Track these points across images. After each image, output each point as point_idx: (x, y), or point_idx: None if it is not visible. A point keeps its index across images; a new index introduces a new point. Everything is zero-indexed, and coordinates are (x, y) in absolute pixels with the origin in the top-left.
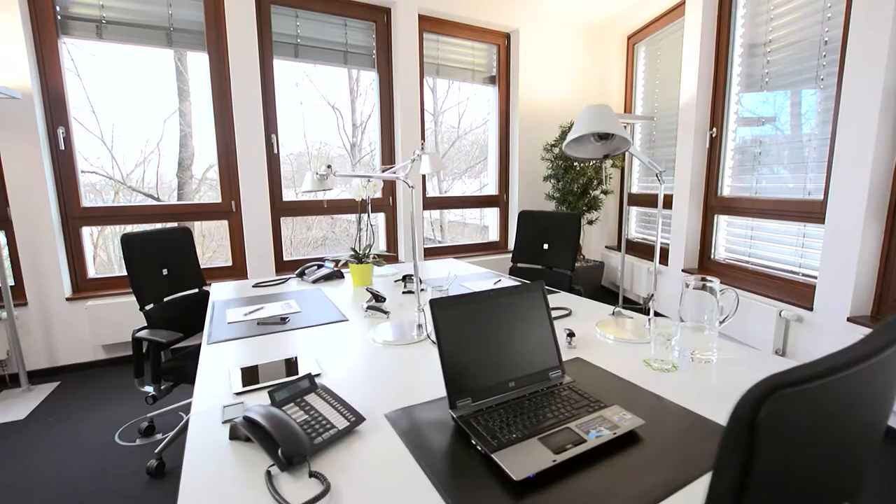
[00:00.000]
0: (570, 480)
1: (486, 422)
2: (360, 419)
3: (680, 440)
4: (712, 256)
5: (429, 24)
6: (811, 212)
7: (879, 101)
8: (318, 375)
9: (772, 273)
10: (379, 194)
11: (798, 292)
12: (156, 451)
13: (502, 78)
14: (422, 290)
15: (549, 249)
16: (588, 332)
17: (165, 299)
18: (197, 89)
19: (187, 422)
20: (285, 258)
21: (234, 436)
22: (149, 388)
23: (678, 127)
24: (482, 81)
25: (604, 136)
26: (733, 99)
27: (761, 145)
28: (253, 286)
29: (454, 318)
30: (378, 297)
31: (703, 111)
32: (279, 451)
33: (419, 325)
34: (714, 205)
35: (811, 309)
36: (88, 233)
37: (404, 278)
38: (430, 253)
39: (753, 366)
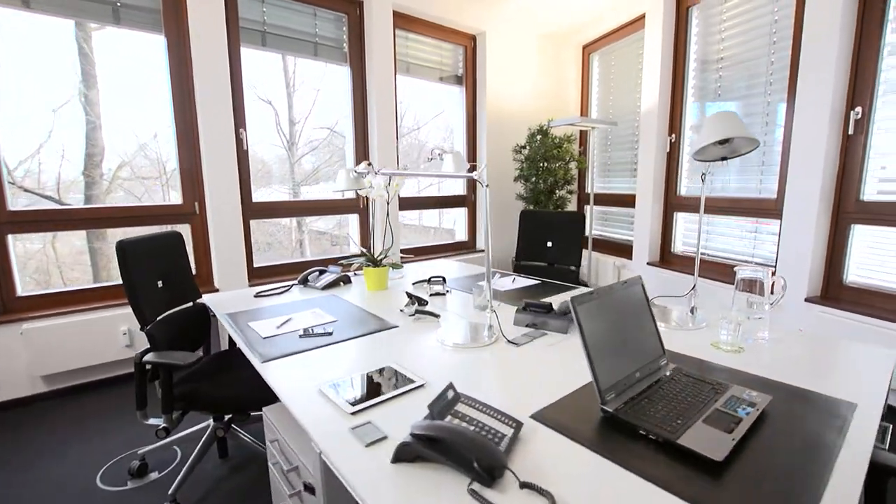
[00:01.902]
0: (743, 455)
1: (639, 412)
2: (519, 423)
3: (797, 408)
4: (672, 250)
5: (400, 20)
6: (766, 209)
7: (828, 114)
8: (421, 385)
9: (728, 262)
10: (400, 193)
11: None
12: (169, 492)
13: (469, 79)
14: (447, 291)
15: (552, 247)
16: None
17: (161, 315)
18: (108, 74)
19: (198, 453)
20: (255, 264)
21: (399, 458)
22: (156, 421)
23: (640, 132)
24: (450, 81)
25: (723, 140)
26: (688, 108)
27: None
28: (255, 296)
29: (589, 316)
30: (420, 301)
31: (663, 119)
32: (475, 465)
33: (490, 326)
34: (674, 203)
35: (773, 293)
36: (14, 241)
37: (429, 280)
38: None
39: (795, 341)
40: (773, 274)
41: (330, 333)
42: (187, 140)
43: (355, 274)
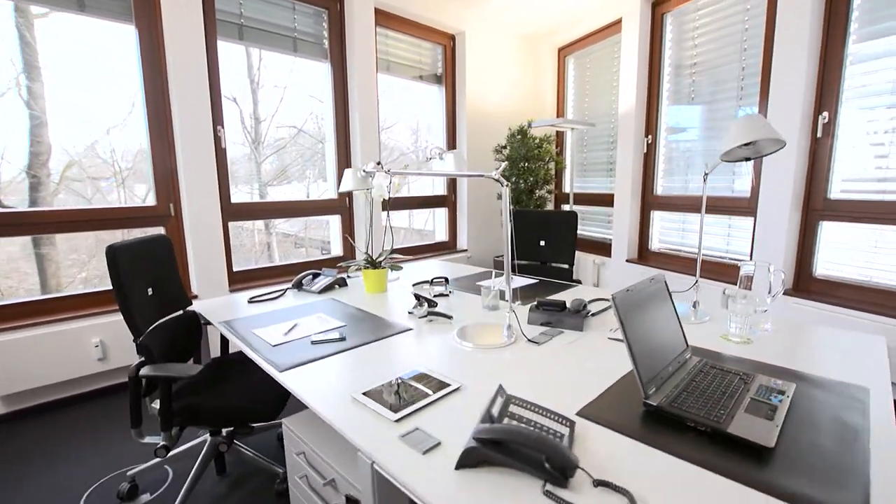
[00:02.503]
0: (785, 439)
1: (681, 404)
2: (572, 422)
3: (817, 394)
4: (650, 247)
5: (380, 17)
6: (741, 206)
7: (799, 118)
8: (457, 388)
9: (705, 258)
10: (399, 193)
11: (733, 273)
12: None
13: (448, 78)
14: (450, 292)
15: (545, 246)
16: None
17: (152, 326)
18: (54, 65)
19: (198, 469)
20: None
21: (463, 464)
22: (152, 439)
23: (618, 134)
24: (429, 80)
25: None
26: (664, 111)
27: (689, 151)
28: (249, 302)
29: (629, 313)
30: (430, 302)
31: (640, 120)
32: (546, 466)
33: (509, 326)
34: (650, 202)
35: (748, 287)
36: None
37: (431, 281)
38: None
39: (794, 331)
40: (771, 270)
41: (343, 339)
42: (161, 138)
43: (349, 276)
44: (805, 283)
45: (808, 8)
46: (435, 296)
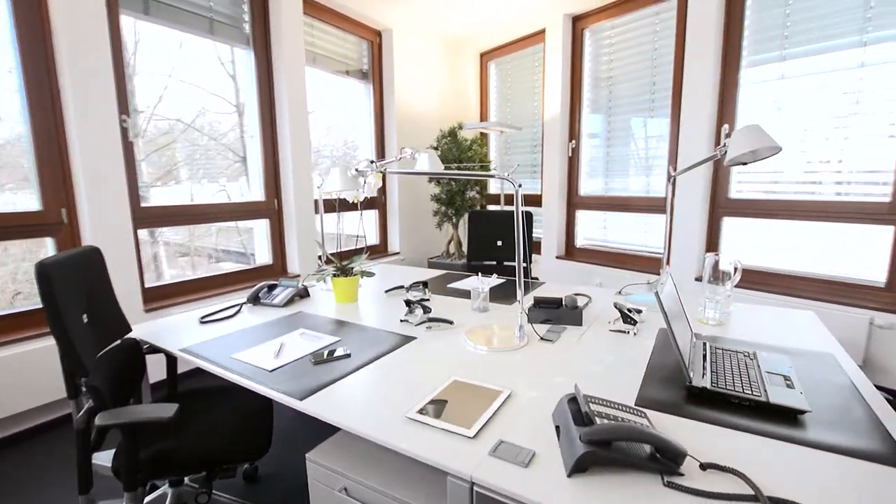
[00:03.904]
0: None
1: (719, 384)
2: (643, 412)
3: (800, 361)
4: (575, 244)
5: (306, 5)
6: (657, 205)
7: (706, 129)
8: (509, 394)
9: (625, 252)
10: (375, 193)
11: (655, 264)
12: None
13: (376, 75)
14: (429, 297)
15: (502, 246)
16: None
17: (95, 360)
18: None
19: None
20: (147, 284)
21: (578, 469)
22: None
23: (545, 138)
24: (356, 76)
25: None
26: (585, 119)
27: (608, 156)
28: (201, 321)
29: (669, 311)
30: (425, 308)
31: (564, 127)
32: (658, 458)
33: (521, 327)
34: (575, 202)
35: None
36: None
37: (408, 287)
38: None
39: (749, 312)
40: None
41: (349, 355)
42: (47, 130)
43: (313, 285)
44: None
45: (711, 36)
46: (416, 301)
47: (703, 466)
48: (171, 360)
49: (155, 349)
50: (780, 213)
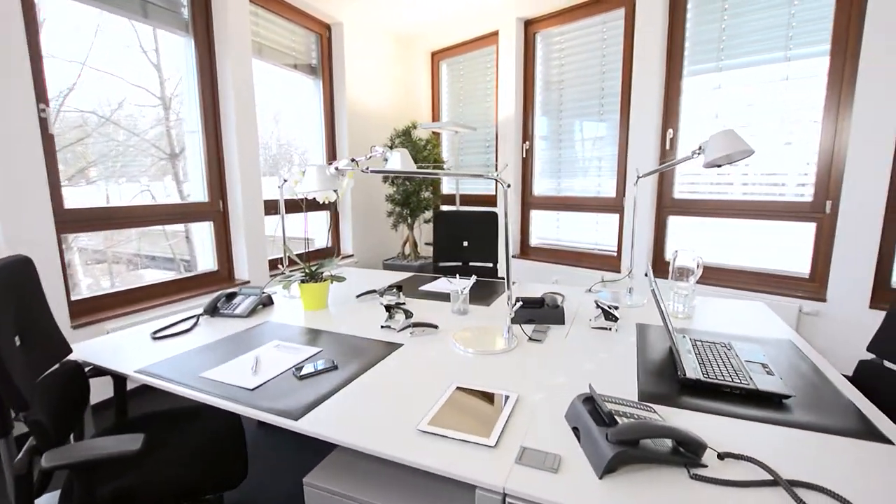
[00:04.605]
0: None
1: (708, 375)
2: (652, 407)
3: (768, 348)
4: (529, 243)
5: None
6: (608, 205)
7: (654, 132)
8: (517, 399)
9: (577, 250)
10: (348, 194)
11: (607, 262)
12: None
13: (325, 70)
14: (403, 304)
15: (468, 246)
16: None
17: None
18: None
19: None
20: (73, 296)
21: (609, 470)
22: None
23: (499, 139)
24: (304, 70)
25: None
26: (538, 121)
27: (560, 157)
28: (154, 337)
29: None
30: (407, 313)
31: (518, 128)
32: (681, 451)
33: (509, 328)
34: (529, 202)
35: (619, 271)
36: None
37: (382, 292)
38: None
39: (706, 306)
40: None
41: (336, 367)
42: None
43: (270, 293)
44: (661, 266)
45: (656, 46)
46: (393, 305)
47: (721, 456)
48: (120, 383)
49: (100, 371)
50: (718, 212)
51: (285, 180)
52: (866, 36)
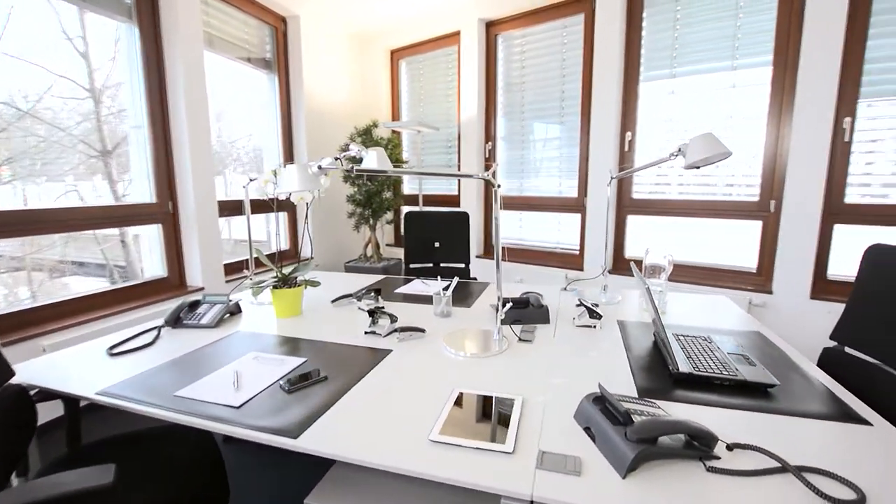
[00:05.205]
0: None
1: (699, 367)
2: (654, 403)
3: (741, 339)
4: (493, 243)
5: None
6: (570, 205)
7: (613, 135)
8: (523, 401)
9: (540, 249)
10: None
11: (569, 260)
12: None
13: (281, 65)
14: (382, 307)
15: (440, 247)
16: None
17: None
18: None
19: None
20: None
21: (632, 469)
22: None
23: (462, 140)
24: (258, 65)
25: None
26: (500, 122)
27: (523, 158)
28: (110, 353)
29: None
30: (392, 317)
31: (481, 129)
32: (695, 445)
33: (500, 330)
34: (491, 202)
35: (582, 269)
36: None
37: (359, 296)
38: (236, 269)
39: (675, 301)
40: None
41: (325, 378)
42: None
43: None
44: (620, 263)
45: (615, 52)
46: (373, 310)
47: (730, 447)
48: (72, 407)
49: (49, 395)
50: (673, 211)
51: (251, 179)
52: (804, 49)
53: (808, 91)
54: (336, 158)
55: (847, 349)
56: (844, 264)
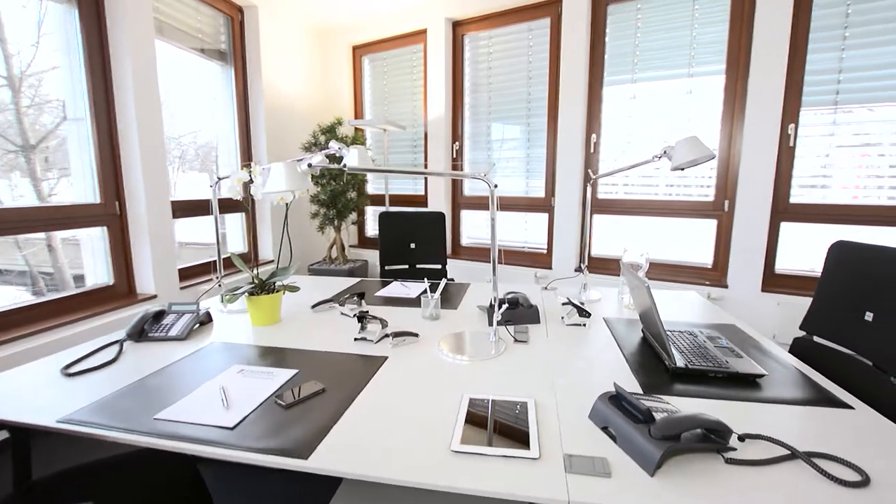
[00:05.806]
0: None
1: (693, 362)
2: (660, 398)
3: (721, 331)
4: (461, 243)
5: None
6: (538, 205)
7: (580, 136)
8: (535, 404)
9: (508, 248)
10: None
11: (537, 259)
12: None
13: (238, 58)
14: (367, 312)
15: (416, 248)
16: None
17: None
18: None
19: None
20: None
21: (659, 466)
22: None
23: (429, 139)
24: (212, 56)
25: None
26: (467, 122)
27: (490, 158)
28: (66, 373)
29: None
30: (383, 322)
31: (448, 129)
32: (712, 438)
33: (496, 331)
34: (460, 202)
35: (551, 268)
36: None
37: (342, 301)
38: (189, 275)
39: (660, 293)
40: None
41: (323, 390)
42: None
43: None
44: (592, 261)
45: (581, 56)
46: (358, 315)
47: (742, 437)
48: (21, 438)
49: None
50: (634, 211)
51: (219, 178)
52: (753, 60)
53: (758, 99)
54: (327, 156)
55: (815, 338)
56: (791, 259)
